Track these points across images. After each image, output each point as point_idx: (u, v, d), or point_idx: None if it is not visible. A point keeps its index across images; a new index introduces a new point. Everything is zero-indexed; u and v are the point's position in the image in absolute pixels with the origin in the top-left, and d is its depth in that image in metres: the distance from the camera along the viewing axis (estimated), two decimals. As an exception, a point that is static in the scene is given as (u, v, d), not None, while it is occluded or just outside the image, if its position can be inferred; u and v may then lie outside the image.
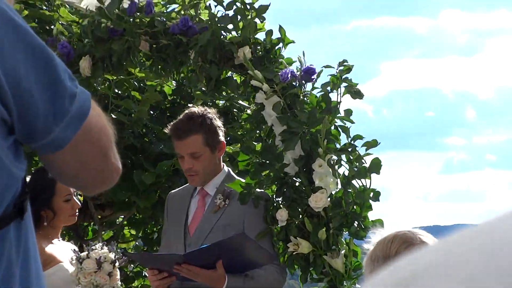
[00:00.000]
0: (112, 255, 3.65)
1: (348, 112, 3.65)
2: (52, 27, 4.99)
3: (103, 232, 6.21)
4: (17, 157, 1.33)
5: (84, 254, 3.63)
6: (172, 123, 3.56)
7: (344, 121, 3.66)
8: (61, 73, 1.33)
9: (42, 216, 3.72)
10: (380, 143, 3.62)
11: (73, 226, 5.88)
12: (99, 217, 5.98)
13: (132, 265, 6.28)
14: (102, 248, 3.69)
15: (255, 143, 4.17)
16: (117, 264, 3.67)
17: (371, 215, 3.63)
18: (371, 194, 3.59)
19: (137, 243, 6.73)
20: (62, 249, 3.76)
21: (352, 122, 3.64)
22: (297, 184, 3.71)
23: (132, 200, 5.47)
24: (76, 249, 3.85)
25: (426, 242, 2.08)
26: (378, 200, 3.61)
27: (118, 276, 3.71)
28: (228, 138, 6.02)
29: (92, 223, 6.26)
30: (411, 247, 2.05)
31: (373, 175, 3.59)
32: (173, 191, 3.85)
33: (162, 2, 4.20)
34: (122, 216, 6.17)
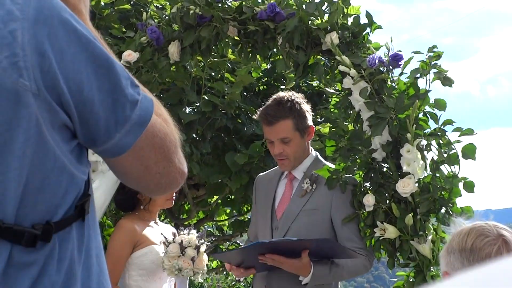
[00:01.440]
0: (196, 241, 3.72)
1: (441, 103, 3.58)
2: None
3: (196, 212, 6.33)
4: (80, 161, 1.37)
5: (171, 238, 3.73)
6: (261, 109, 3.58)
7: (433, 108, 3.61)
8: (122, 80, 1.35)
9: (139, 200, 3.84)
10: (476, 133, 3.53)
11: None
12: (193, 196, 6.11)
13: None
14: (189, 234, 3.77)
15: (347, 124, 4.15)
16: (202, 249, 3.74)
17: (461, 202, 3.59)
18: (462, 184, 3.54)
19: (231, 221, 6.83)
20: (157, 232, 3.86)
21: (442, 110, 3.59)
22: (384, 169, 3.70)
23: (225, 181, 5.55)
24: (174, 230, 3.95)
25: (504, 235, 2.05)
26: (473, 192, 3.54)
27: (205, 261, 3.78)
28: (322, 119, 6.04)
29: (186, 203, 6.38)
30: (487, 240, 2.04)
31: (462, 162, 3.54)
32: (261, 174, 3.89)
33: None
34: (216, 196, 6.28)
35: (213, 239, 7.15)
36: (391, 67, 3.66)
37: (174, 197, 3.92)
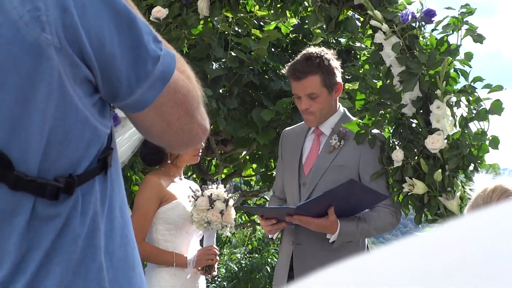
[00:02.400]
0: (225, 194, 3.74)
1: (469, 55, 3.57)
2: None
3: (224, 167, 6.36)
4: (103, 114, 1.37)
5: (199, 192, 3.75)
6: (289, 64, 3.56)
7: (463, 64, 3.59)
8: (144, 36, 1.35)
9: (165, 154, 3.86)
10: (506, 89, 3.53)
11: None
12: (221, 152, 6.13)
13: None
14: (218, 188, 3.79)
15: (376, 81, 4.13)
16: (230, 202, 3.76)
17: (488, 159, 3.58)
18: (489, 140, 3.53)
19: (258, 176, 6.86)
20: (183, 187, 3.89)
21: (470, 67, 3.57)
22: (413, 125, 3.69)
23: (252, 137, 5.56)
24: (198, 187, 3.98)
25: None
26: (497, 148, 3.54)
27: (233, 215, 3.81)
28: (350, 77, 6.01)
29: (214, 158, 6.42)
30: None
31: (492, 118, 3.52)
32: (287, 128, 3.88)
33: None
34: (244, 152, 6.30)
35: (241, 194, 7.20)
36: (423, 23, 3.63)
37: (200, 153, 3.93)
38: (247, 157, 6.44)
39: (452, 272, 0.34)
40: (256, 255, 10.89)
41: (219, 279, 10.55)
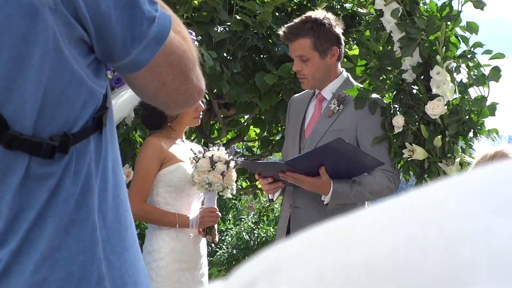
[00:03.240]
0: (226, 156, 3.76)
1: (473, 26, 3.54)
2: None
3: (226, 131, 6.37)
4: (98, 75, 1.38)
5: (200, 154, 3.76)
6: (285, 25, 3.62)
7: (464, 31, 3.57)
8: None
9: (166, 117, 3.86)
10: (507, 57, 3.52)
11: (198, 125, 6.11)
12: (223, 116, 6.14)
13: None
14: (219, 150, 3.81)
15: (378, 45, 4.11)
16: (231, 164, 3.78)
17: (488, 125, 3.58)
18: (487, 105, 3.53)
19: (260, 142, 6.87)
20: (184, 150, 3.90)
21: (474, 33, 3.55)
22: (414, 91, 3.69)
23: (255, 101, 5.56)
24: (200, 149, 3.99)
25: None
26: (494, 115, 3.54)
27: (234, 177, 3.82)
28: (355, 42, 5.99)
29: (217, 122, 6.42)
30: None
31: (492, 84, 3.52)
32: (296, 95, 3.91)
33: None
34: (247, 116, 6.30)
35: (243, 159, 7.22)
36: (423, -12, 3.62)
37: (200, 116, 3.93)
38: (250, 121, 6.45)
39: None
40: (271, 228, 10.88)
41: (228, 246, 10.54)
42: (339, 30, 3.55)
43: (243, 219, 11.30)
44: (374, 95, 3.58)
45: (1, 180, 1.31)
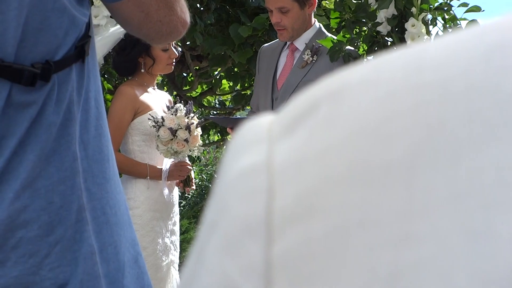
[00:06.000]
0: (185, 120, 3.67)
1: None
2: None
3: (199, 83, 6.33)
4: (81, 3, 1.36)
5: (160, 119, 3.67)
6: None
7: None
8: None
9: (139, 63, 3.80)
10: (483, 10, 3.50)
11: (170, 76, 6.06)
12: (196, 68, 6.10)
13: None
14: (177, 112, 3.67)
15: (353, 1, 4.10)
16: (193, 127, 3.67)
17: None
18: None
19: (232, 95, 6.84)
20: (156, 98, 3.86)
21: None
22: (388, 43, 3.68)
23: (228, 53, 5.53)
24: (170, 98, 3.95)
25: None
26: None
27: (198, 137, 3.73)
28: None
29: (189, 74, 6.38)
30: None
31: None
32: (265, 44, 3.88)
33: None
34: (219, 68, 6.27)
35: (215, 112, 7.20)
36: None
37: (174, 63, 3.89)
38: (222, 73, 6.41)
39: None
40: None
41: (193, 196, 10.59)
42: None
43: (206, 169, 11.31)
44: (348, 47, 3.57)
45: None
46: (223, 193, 0.33)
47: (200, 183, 10.59)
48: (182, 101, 3.84)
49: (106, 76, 4.38)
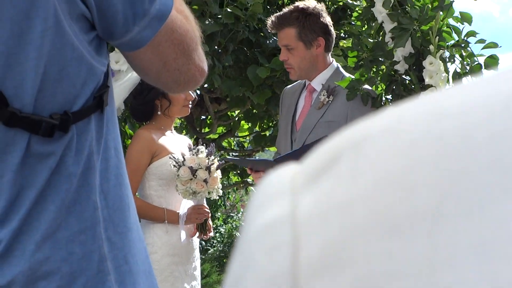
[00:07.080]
0: (206, 161, 3.65)
1: (466, 17, 3.52)
2: None
3: (218, 126, 6.33)
4: (99, 52, 1.36)
5: (181, 159, 3.67)
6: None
7: (457, 22, 3.56)
8: None
9: (156, 105, 3.81)
10: (501, 46, 3.49)
11: (189, 119, 6.08)
12: (215, 110, 6.11)
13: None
14: (198, 153, 3.68)
15: (370, 40, 4.10)
16: (213, 168, 3.67)
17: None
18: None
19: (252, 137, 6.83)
20: (175, 141, 3.85)
21: (467, 23, 3.52)
22: (406, 82, 3.67)
23: (247, 95, 5.54)
24: (190, 142, 3.94)
25: None
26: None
27: (218, 179, 3.72)
28: (346, 35, 5.97)
29: (208, 117, 6.40)
30: None
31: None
32: (288, 86, 3.89)
33: None
34: (237, 110, 6.28)
35: (235, 154, 7.18)
36: (415, -21, 3.59)
37: (190, 105, 3.89)
38: (241, 115, 6.41)
39: None
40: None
41: (217, 243, 10.52)
42: (328, 20, 3.53)
43: (233, 216, 11.26)
44: (365, 86, 3.55)
45: (2, 158, 1.29)
46: (248, 246, 0.34)
47: (228, 230, 10.49)
48: (204, 144, 3.84)
49: (127, 121, 4.39)
